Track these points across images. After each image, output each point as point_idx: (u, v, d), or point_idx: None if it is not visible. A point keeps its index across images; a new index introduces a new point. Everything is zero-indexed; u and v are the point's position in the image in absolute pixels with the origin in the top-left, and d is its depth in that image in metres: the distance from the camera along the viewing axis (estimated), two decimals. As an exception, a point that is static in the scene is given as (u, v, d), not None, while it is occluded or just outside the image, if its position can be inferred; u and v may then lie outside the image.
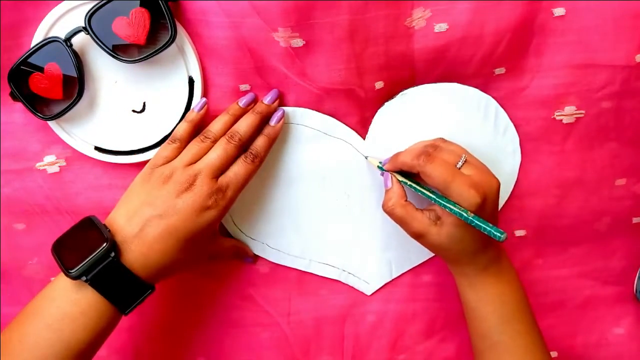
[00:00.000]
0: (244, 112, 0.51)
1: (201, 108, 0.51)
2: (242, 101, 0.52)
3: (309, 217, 0.57)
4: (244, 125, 0.50)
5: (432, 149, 0.48)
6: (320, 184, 0.56)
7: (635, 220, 0.58)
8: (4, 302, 0.59)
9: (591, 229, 0.58)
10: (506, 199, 0.56)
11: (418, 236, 0.49)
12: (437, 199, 0.47)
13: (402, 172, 0.50)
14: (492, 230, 0.43)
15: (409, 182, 0.50)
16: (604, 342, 0.60)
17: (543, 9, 0.51)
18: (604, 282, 0.59)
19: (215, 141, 0.50)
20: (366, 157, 0.55)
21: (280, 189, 0.56)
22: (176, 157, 0.49)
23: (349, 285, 0.59)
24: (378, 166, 0.53)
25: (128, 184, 0.50)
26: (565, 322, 0.60)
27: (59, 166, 0.55)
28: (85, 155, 0.53)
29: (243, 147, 0.50)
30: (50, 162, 0.55)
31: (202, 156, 0.49)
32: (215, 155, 0.49)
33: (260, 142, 0.51)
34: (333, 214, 0.57)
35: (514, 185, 0.56)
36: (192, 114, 0.51)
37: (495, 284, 0.49)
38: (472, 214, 0.45)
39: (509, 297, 0.50)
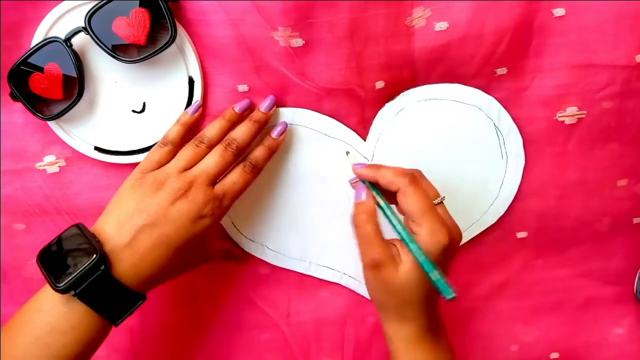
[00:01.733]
0: (239, 117, 0.51)
1: (195, 111, 0.51)
2: (238, 107, 0.51)
3: (309, 219, 0.57)
4: (241, 133, 0.49)
5: (416, 173, 0.46)
6: (320, 185, 0.56)
7: (636, 220, 0.58)
8: (4, 302, 0.59)
9: (592, 230, 0.58)
10: (510, 202, 0.56)
11: (374, 265, 0.43)
12: (402, 232, 0.44)
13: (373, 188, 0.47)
14: (445, 284, 0.41)
15: (382, 202, 0.46)
16: (604, 343, 0.60)
17: (542, 9, 0.50)
18: (604, 282, 0.59)
19: (210, 147, 0.48)
20: (347, 153, 0.54)
21: (280, 190, 0.56)
22: (168, 161, 0.48)
23: (349, 288, 0.58)
24: (361, 180, 0.49)
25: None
26: (566, 323, 0.60)
27: (59, 166, 0.55)
28: (85, 156, 0.53)
29: (240, 155, 0.49)
30: (50, 162, 0.55)
31: (197, 162, 0.47)
32: (212, 162, 0.47)
33: (260, 153, 0.50)
34: (333, 216, 0.56)
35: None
36: (186, 117, 0.50)
37: (430, 350, 0.46)
38: (431, 262, 0.42)
39: None
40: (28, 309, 0.44)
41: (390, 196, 0.46)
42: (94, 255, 0.42)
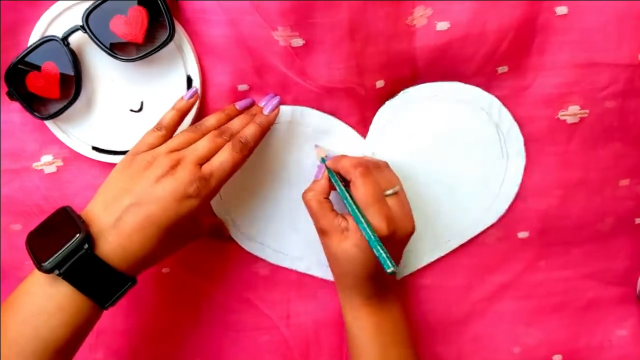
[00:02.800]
0: (239, 114, 0.51)
1: (191, 97, 0.50)
2: (240, 104, 0.51)
3: (309, 219, 0.56)
4: (238, 124, 0.49)
5: (372, 165, 0.49)
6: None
7: (638, 220, 0.58)
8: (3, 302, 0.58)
9: (594, 230, 0.57)
10: (511, 200, 0.56)
11: (321, 232, 0.49)
12: (354, 211, 0.46)
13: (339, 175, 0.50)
14: (386, 259, 0.43)
15: (339, 183, 0.49)
16: (607, 344, 0.60)
17: (545, 8, 0.50)
18: (607, 283, 0.59)
19: (204, 135, 0.48)
20: (315, 145, 0.54)
21: (280, 189, 0.56)
22: (160, 144, 0.47)
23: (349, 288, 0.58)
24: (321, 158, 0.52)
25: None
26: (568, 324, 0.59)
27: (56, 166, 0.54)
28: (83, 155, 0.53)
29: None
30: (47, 162, 0.54)
31: (189, 146, 0.47)
32: (204, 143, 0.47)
33: (250, 131, 0.48)
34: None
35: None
36: (181, 102, 0.50)
37: (374, 314, 0.50)
38: (376, 237, 0.45)
39: (387, 327, 0.51)
40: (18, 292, 0.44)
41: None
42: (77, 235, 0.42)
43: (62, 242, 0.42)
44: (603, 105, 0.53)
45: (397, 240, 0.48)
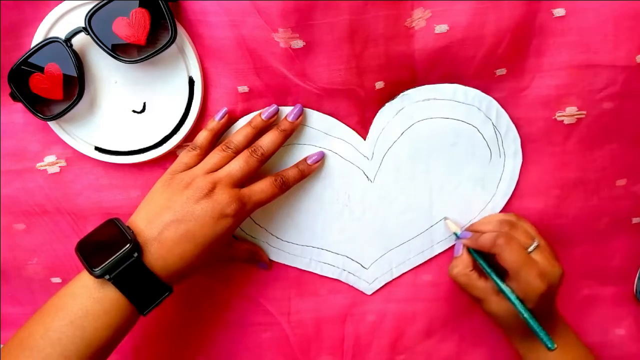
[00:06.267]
0: (265, 124, 0.52)
1: (222, 117, 0.52)
2: (265, 114, 0.52)
3: (310, 217, 0.57)
4: (268, 141, 0.51)
5: (508, 226, 0.51)
6: (321, 183, 0.56)
7: (635, 220, 0.58)
8: (4, 302, 0.59)
9: (591, 229, 0.58)
10: (507, 199, 0.56)
11: (477, 301, 0.52)
12: (501, 288, 0.49)
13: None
14: (544, 338, 0.47)
15: (481, 262, 0.52)
16: (604, 344, 0.60)
17: (543, 9, 0.50)
18: (604, 282, 0.59)
19: (237, 152, 0.51)
20: (445, 219, 0.56)
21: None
22: (196, 164, 0.51)
23: (349, 285, 0.59)
24: (455, 233, 0.55)
25: (128, 185, 0.50)
26: (566, 323, 0.60)
27: (59, 166, 0.55)
28: (86, 156, 0.53)
29: (265, 161, 0.51)
30: (50, 163, 0.55)
31: (223, 165, 0.50)
32: (237, 166, 0.50)
33: (292, 174, 0.53)
34: (334, 213, 0.57)
35: (514, 187, 0.56)
36: (213, 123, 0.52)
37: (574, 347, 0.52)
38: (529, 314, 0.48)
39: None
40: (62, 295, 0.47)
41: None
42: (129, 244, 0.45)
43: (113, 250, 0.45)
44: (600, 107, 0.53)
45: (553, 290, 0.50)
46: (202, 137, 0.52)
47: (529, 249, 0.50)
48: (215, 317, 0.59)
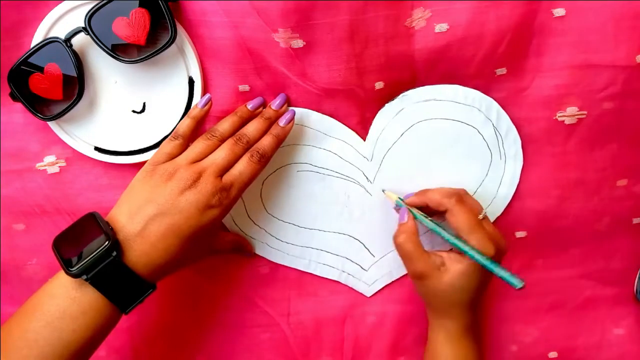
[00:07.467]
0: (251, 115, 0.51)
1: (205, 104, 0.51)
2: (251, 104, 0.51)
3: (309, 218, 0.57)
4: (252, 129, 0.50)
5: (456, 196, 0.50)
6: (320, 184, 0.56)
7: (635, 220, 0.58)
8: (4, 302, 0.59)
9: (592, 230, 0.58)
10: (508, 201, 0.56)
11: (419, 276, 0.49)
12: (456, 242, 0.48)
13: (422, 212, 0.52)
14: (511, 279, 0.46)
15: (429, 219, 0.50)
16: (604, 343, 0.60)
17: (543, 9, 0.51)
18: (604, 282, 0.59)
19: (221, 141, 0.49)
20: (383, 191, 0.55)
21: (280, 188, 0.56)
22: (179, 154, 0.49)
23: (349, 286, 0.58)
24: (396, 201, 0.53)
25: (128, 184, 0.50)
26: (566, 323, 0.60)
27: (59, 166, 0.55)
28: (85, 156, 0.53)
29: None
30: (50, 163, 0.55)
31: (208, 155, 0.48)
32: (222, 154, 0.48)
33: (267, 142, 0.50)
34: (333, 214, 0.57)
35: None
36: (196, 110, 0.51)
37: (468, 347, 0.51)
38: (490, 260, 0.47)
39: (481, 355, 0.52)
40: (40, 295, 0.45)
41: (439, 216, 0.51)
42: (107, 242, 0.43)
43: (91, 248, 0.43)
44: (601, 107, 0.53)
45: (498, 258, 0.49)
46: (185, 125, 0.50)
47: (480, 216, 0.49)
48: (214, 318, 0.59)
